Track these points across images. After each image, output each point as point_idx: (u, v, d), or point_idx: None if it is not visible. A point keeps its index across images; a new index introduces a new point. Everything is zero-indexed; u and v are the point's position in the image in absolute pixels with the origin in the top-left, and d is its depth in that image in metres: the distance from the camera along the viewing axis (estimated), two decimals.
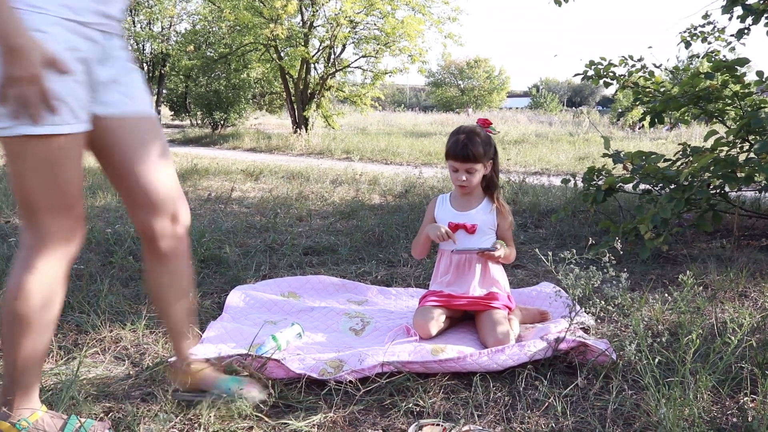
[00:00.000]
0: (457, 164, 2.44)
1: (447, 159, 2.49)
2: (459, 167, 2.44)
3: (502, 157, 10.27)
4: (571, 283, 2.07)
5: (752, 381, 1.90)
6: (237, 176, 7.79)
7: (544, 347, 2.09)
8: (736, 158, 3.64)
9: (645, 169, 3.85)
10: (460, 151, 2.41)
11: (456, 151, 2.42)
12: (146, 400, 1.87)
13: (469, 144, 2.40)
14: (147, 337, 2.39)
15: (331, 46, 16.70)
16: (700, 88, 4.12)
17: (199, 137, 17.99)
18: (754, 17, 4.51)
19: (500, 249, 2.44)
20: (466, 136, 2.42)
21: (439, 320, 2.37)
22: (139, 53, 26.54)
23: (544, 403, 1.85)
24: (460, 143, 2.41)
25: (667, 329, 2.34)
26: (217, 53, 18.48)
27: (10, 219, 4.57)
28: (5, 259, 3.26)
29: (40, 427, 1.54)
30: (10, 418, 1.52)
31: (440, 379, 2.01)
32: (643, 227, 3.48)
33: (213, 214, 5.02)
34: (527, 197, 5.62)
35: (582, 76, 4.83)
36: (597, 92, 54.11)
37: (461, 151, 2.41)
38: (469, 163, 2.42)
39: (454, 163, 2.45)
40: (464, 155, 2.41)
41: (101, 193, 5.74)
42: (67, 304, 2.66)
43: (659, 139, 14.64)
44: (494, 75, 40.70)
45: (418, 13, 16.31)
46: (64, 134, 1.40)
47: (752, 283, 3.04)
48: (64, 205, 1.47)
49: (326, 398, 1.90)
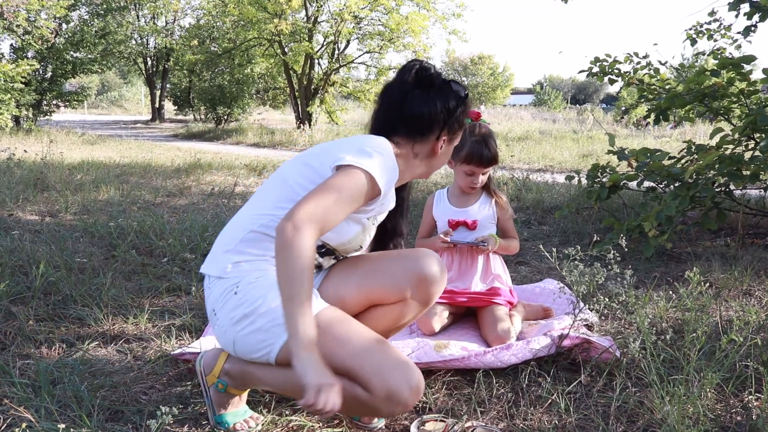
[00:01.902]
0: (478, 169, 2.38)
1: (464, 164, 2.38)
2: (478, 171, 2.39)
3: (506, 153, 10.25)
4: (575, 279, 2.06)
5: (757, 379, 1.89)
6: (240, 171, 7.79)
7: (547, 344, 2.08)
8: (741, 156, 3.62)
9: (650, 167, 3.83)
10: (485, 157, 2.34)
11: (481, 158, 2.34)
12: (148, 394, 1.87)
13: (489, 147, 2.34)
14: (149, 331, 2.38)
15: (335, 41, 16.69)
16: (705, 85, 4.09)
17: (202, 132, 17.99)
18: (761, 14, 4.48)
19: (490, 243, 2.41)
20: (482, 139, 2.35)
21: (442, 316, 2.37)
22: (143, 48, 26.56)
23: (548, 399, 1.85)
24: (482, 149, 2.33)
25: (671, 327, 2.33)
26: (221, 48, 18.48)
27: (14, 212, 4.57)
28: (8, 252, 3.26)
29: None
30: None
31: (443, 376, 2.01)
32: (648, 225, 3.47)
33: (216, 208, 5.02)
34: (531, 194, 5.60)
35: (587, 72, 4.80)
36: (601, 90, 53.94)
37: (486, 158, 2.34)
38: (490, 166, 2.39)
39: (474, 168, 2.37)
40: (488, 160, 2.36)
41: (104, 187, 5.75)
42: (69, 297, 2.66)
43: (663, 136, 14.59)
44: (498, 72, 40.55)
45: (422, 9, 16.29)
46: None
47: (757, 282, 3.03)
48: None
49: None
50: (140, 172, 7.28)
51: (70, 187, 5.72)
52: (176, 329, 2.42)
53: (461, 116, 1.74)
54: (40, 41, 15.67)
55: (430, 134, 1.70)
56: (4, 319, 2.44)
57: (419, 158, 1.73)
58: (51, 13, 15.42)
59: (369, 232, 1.73)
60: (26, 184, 5.77)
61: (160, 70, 28.09)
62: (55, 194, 5.37)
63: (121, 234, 3.78)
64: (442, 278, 1.71)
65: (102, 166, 7.63)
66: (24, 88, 14.94)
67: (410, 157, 1.71)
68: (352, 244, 1.70)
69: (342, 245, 1.68)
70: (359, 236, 1.69)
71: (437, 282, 1.70)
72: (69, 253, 3.32)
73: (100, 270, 3.09)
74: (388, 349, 1.47)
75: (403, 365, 1.45)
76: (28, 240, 3.60)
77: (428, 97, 1.69)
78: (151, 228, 3.91)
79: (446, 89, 1.72)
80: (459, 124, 1.75)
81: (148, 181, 6.60)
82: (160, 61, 27.69)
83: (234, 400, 1.69)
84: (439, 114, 1.69)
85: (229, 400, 1.68)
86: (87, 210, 4.75)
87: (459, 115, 1.73)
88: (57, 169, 6.90)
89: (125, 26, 23.48)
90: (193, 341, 2.27)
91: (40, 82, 16.53)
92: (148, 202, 5.27)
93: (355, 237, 1.68)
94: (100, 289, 2.78)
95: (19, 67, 14.05)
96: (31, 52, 15.97)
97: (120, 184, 6.14)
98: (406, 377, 1.43)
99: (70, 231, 3.92)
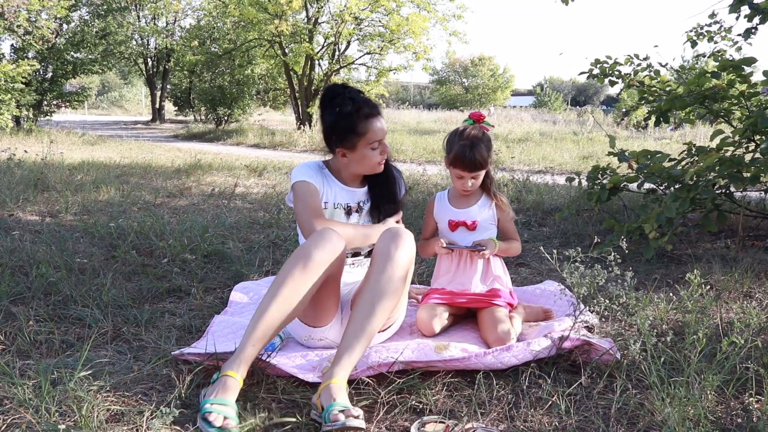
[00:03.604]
0: (464, 173, 2.39)
1: (451, 166, 2.43)
2: (465, 175, 2.40)
3: (506, 155, 10.25)
4: (575, 281, 2.05)
5: (757, 382, 1.89)
6: (240, 172, 7.79)
7: (548, 345, 2.08)
8: (741, 158, 3.62)
9: (650, 168, 3.83)
10: (468, 161, 2.35)
11: (464, 162, 2.36)
12: (148, 394, 1.87)
13: (475, 152, 2.34)
14: (149, 332, 2.38)
15: (335, 42, 16.69)
16: (706, 87, 4.09)
17: (203, 133, 18.00)
18: (762, 17, 4.48)
19: (488, 248, 2.41)
20: (470, 142, 2.35)
21: (442, 317, 2.36)
22: (144, 48, 26.57)
23: (548, 401, 1.85)
24: (467, 152, 2.34)
25: (672, 329, 2.33)
26: (222, 49, 18.49)
27: (14, 212, 4.57)
28: (9, 252, 3.26)
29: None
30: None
31: (443, 377, 2.00)
32: (648, 226, 3.47)
33: (216, 209, 5.02)
34: (531, 195, 5.60)
35: (587, 74, 4.80)
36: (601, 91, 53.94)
37: (469, 161, 2.35)
38: (477, 171, 2.40)
39: (460, 171, 2.39)
40: (472, 165, 2.36)
41: (104, 188, 5.75)
42: (69, 297, 2.66)
43: (663, 138, 14.58)
44: (498, 73, 40.55)
45: (423, 10, 16.29)
46: None
47: (757, 284, 3.03)
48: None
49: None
50: (140, 173, 7.29)
51: (71, 188, 5.72)
52: (176, 330, 2.42)
53: (347, 128, 2.12)
54: (40, 41, 15.68)
55: (330, 147, 2.21)
56: (4, 319, 2.44)
57: (347, 160, 2.20)
58: (52, 14, 15.43)
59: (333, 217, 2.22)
60: (26, 185, 5.77)
61: (160, 71, 28.10)
62: (55, 195, 5.37)
63: (122, 234, 3.78)
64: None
65: (102, 167, 7.64)
66: (24, 89, 14.95)
67: (340, 159, 2.21)
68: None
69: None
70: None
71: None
72: (69, 253, 3.32)
73: (100, 270, 3.09)
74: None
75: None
76: (29, 240, 3.60)
77: (322, 118, 2.18)
78: (151, 229, 3.91)
79: (329, 108, 2.14)
80: (348, 134, 2.13)
81: (148, 182, 6.60)
82: (161, 61, 27.71)
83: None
84: (326, 131, 2.18)
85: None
86: (87, 210, 4.76)
87: (344, 128, 2.12)
88: (57, 169, 6.91)
89: (126, 27, 23.50)
90: (193, 342, 2.27)
91: (41, 82, 16.54)
92: (148, 202, 5.27)
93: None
94: (100, 289, 2.78)
95: (20, 67, 14.06)
96: (32, 52, 15.98)
97: (120, 184, 6.14)
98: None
99: (70, 231, 3.92)
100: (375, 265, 1.94)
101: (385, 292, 1.89)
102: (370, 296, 1.89)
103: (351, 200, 2.28)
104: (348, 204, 2.27)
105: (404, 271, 1.94)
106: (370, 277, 1.93)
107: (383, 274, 1.90)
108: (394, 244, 1.93)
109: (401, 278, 1.94)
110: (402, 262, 1.93)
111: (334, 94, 2.15)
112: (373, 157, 2.19)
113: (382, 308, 1.88)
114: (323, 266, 1.89)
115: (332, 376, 1.76)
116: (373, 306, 1.88)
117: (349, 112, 2.11)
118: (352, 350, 1.82)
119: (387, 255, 1.92)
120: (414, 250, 1.98)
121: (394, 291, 1.92)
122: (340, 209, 2.25)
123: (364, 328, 1.85)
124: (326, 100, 2.17)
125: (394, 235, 1.95)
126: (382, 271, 1.91)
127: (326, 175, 2.27)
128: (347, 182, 2.28)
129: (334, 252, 1.91)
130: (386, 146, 2.25)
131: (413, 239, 1.99)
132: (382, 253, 1.93)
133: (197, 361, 2.01)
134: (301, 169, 2.21)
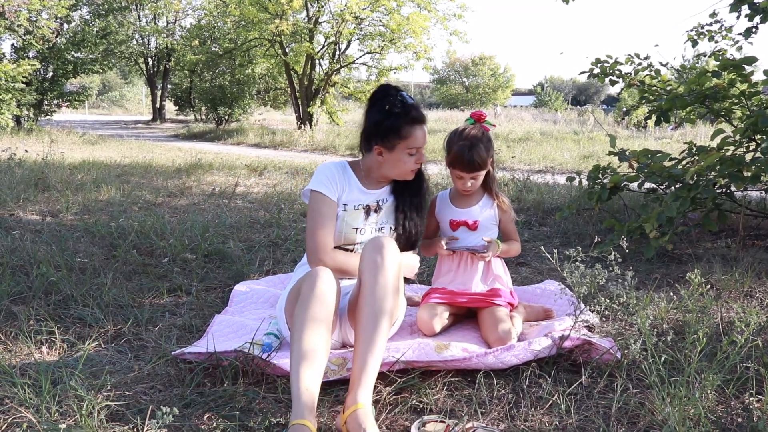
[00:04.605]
0: (464, 173, 2.39)
1: (451, 167, 2.43)
2: (465, 175, 2.40)
3: (507, 154, 10.24)
4: (576, 281, 2.05)
5: (758, 381, 1.89)
6: (241, 171, 7.79)
7: (548, 345, 2.08)
8: (742, 157, 3.62)
9: (650, 168, 3.83)
10: (467, 162, 2.35)
11: (463, 162, 2.36)
12: (148, 394, 1.87)
13: (474, 152, 2.34)
14: (150, 332, 2.38)
15: (336, 42, 16.68)
16: (706, 86, 4.09)
17: (203, 132, 18.00)
18: (762, 16, 4.48)
19: (490, 251, 2.41)
20: (470, 143, 2.35)
21: (442, 317, 2.36)
22: (144, 48, 26.58)
23: (548, 401, 1.85)
24: (465, 153, 2.34)
25: (672, 328, 2.33)
26: (222, 48, 18.48)
27: (15, 212, 4.57)
28: (9, 252, 3.26)
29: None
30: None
31: (444, 376, 2.00)
32: (648, 226, 3.46)
33: (217, 209, 5.02)
34: (532, 195, 5.60)
35: (588, 74, 4.80)
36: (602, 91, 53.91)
37: (468, 162, 2.35)
38: (476, 171, 2.39)
39: (459, 172, 2.39)
40: (471, 165, 2.36)
41: (105, 187, 5.75)
42: (70, 297, 2.66)
43: (664, 138, 14.57)
44: (499, 72, 40.54)
45: (423, 9, 16.27)
46: None
47: (757, 283, 3.03)
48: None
49: (330, 395, 1.89)
50: (141, 173, 7.29)
51: (71, 187, 5.72)
52: (177, 329, 2.42)
53: (391, 128, 2.12)
54: (41, 41, 15.67)
55: (369, 143, 2.21)
56: (4, 319, 2.44)
57: (382, 159, 2.19)
58: (52, 13, 15.41)
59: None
60: (27, 184, 5.77)
61: (161, 71, 28.10)
62: (56, 194, 5.37)
63: (122, 234, 3.78)
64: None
65: (103, 166, 7.64)
66: (25, 88, 14.95)
67: (375, 157, 2.20)
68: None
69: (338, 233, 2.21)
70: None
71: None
72: (70, 253, 3.32)
73: (100, 270, 3.09)
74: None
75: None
76: (29, 240, 3.60)
77: (367, 114, 2.19)
78: (151, 228, 3.91)
79: (378, 105, 2.14)
80: (390, 134, 2.12)
81: (148, 182, 6.60)
82: (161, 61, 27.71)
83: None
84: (369, 127, 2.18)
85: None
86: (88, 210, 4.76)
87: (388, 127, 2.12)
88: (58, 169, 6.91)
89: (126, 26, 23.50)
90: (194, 341, 2.27)
91: (41, 82, 16.54)
92: (148, 202, 5.27)
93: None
94: (100, 289, 2.78)
95: (21, 66, 14.05)
96: (33, 51, 15.97)
97: (121, 184, 6.14)
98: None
99: (70, 231, 3.92)
100: (365, 277, 1.90)
101: (382, 300, 1.86)
102: (369, 309, 1.85)
103: (369, 200, 2.26)
104: (366, 204, 2.26)
105: (395, 276, 1.91)
106: (365, 290, 1.88)
107: (376, 285, 1.87)
108: (379, 254, 1.90)
109: (393, 283, 1.91)
110: (390, 267, 1.90)
111: (386, 93, 2.16)
112: (408, 163, 2.19)
113: (384, 316, 1.85)
114: (327, 314, 1.84)
115: (356, 401, 1.69)
116: (376, 318, 1.83)
117: (398, 113, 2.12)
118: (368, 368, 1.76)
119: (374, 265, 1.89)
120: (398, 252, 1.95)
121: (393, 293, 1.89)
122: (360, 210, 2.23)
123: (375, 340, 1.80)
124: (377, 98, 2.18)
125: (376, 245, 1.92)
126: (374, 282, 1.87)
127: (349, 176, 2.26)
128: (369, 184, 2.27)
129: (331, 293, 1.87)
130: (423, 155, 2.23)
131: (395, 244, 1.97)
132: (369, 268, 1.89)
133: (198, 361, 2.02)
134: (324, 172, 2.20)
